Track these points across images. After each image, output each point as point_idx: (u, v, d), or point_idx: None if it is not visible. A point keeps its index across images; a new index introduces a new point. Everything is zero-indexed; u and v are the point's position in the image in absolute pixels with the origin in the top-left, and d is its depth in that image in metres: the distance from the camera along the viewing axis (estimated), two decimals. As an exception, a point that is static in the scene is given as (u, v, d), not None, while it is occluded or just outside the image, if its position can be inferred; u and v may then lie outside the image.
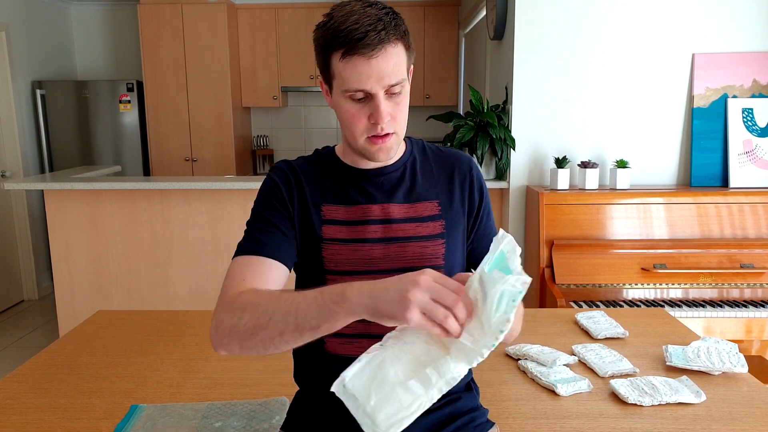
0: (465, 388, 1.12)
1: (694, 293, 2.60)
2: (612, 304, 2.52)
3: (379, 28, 0.93)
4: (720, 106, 2.92)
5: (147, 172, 4.90)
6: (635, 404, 1.32)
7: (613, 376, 1.46)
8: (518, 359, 1.56)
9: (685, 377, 1.42)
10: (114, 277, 3.29)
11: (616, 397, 1.36)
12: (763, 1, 2.89)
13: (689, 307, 2.49)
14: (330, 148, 1.14)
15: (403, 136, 1.07)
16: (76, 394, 1.40)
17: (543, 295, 2.69)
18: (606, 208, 2.71)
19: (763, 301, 2.55)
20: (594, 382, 1.43)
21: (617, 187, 2.83)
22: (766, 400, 1.34)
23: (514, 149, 2.98)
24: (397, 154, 1.11)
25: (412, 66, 1.05)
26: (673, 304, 2.52)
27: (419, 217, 1.07)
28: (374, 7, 0.96)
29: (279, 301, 0.86)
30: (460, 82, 5.14)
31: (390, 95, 0.98)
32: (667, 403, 1.32)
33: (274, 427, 1.27)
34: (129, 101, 4.74)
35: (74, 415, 1.31)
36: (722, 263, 2.60)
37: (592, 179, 2.85)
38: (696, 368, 1.46)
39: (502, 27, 3.16)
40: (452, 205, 1.10)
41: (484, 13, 3.74)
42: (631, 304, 2.53)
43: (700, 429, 1.23)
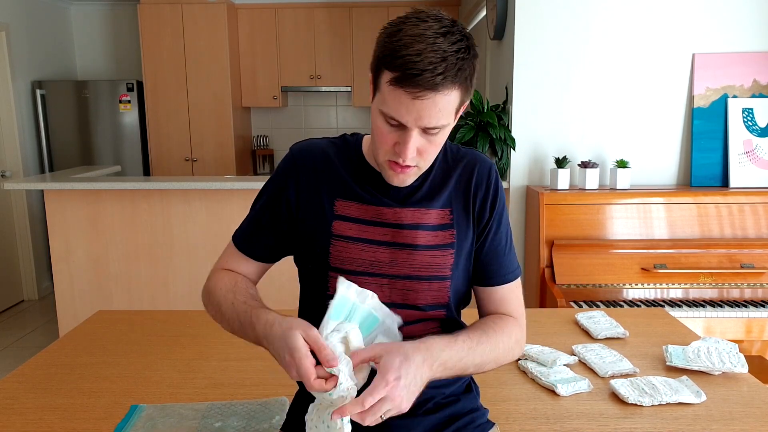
0: (465, 388, 1.11)
1: (694, 293, 2.60)
2: (612, 304, 2.52)
3: (437, 71, 0.85)
4: (720, 106, 2.92)
5: (147, 172, 4.90)
6: (635, 404, 1.32)
7: (613, 376, 1.46)
8: (518, 359, 1.56)
9: (685, 377, 1.42)
10: (114, 277, 3.29)
11: (616, 397, 1.36)
12: (763, 1, 2.89)
13: (689, 307, 2.49)
14: (358, 139, 1.11)
15: (427, 168, 1.02)
16: (76, 394, 1.40)
17: (543, 295, 2.69)
18: (606, 208, 2.71)
19: (763, 301, 2.55)
20: (594, 382, 1.43)
21: (617, 187, 2.83)
22: (766, 400, 1.34)
23: (514, 149, 2.98)
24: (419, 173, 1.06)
25: (467, 103, 0.98)
26: (673, 304, 2.52)
27: (430, 225, 1.04)
28: (447, 38, 0.87)
29: (231, 311, 1.03)
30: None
31: (426, 133, 0.93)
32: (667, 403, 1.32)
33: (274, 427, 1.27)
34: (129, 101, 4.74)
35: (74, 415, 1.31)
36: (722, 263, 2.60)
37: (592, 179, 2.85)
38: (696, 368, 1.46)
39: (502, 27, 3.16)
40: (465, 214, 1.06)
41: (484, 13, 3.74)
42: (631, 304, 2.53)
43: (700, 429, 1.23)
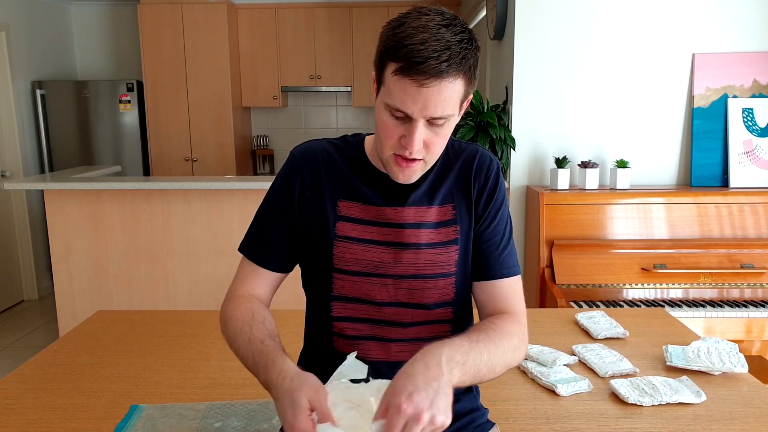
0: (465, 389, 1.11)
1: (694, 293, 2.60)
2: (612, 304, 2.52)
3: (442, 59, 0.86)
4: (720, 106, 2.92)
5: (147, 172, 4.90)
6: (635, 404, 1.32)
7: (613, 376, 1.46)
8: (518, 359, 1.56)
9: (685, 377, 1.42)
10: (114, 277, 3.29)
11: (616, 397, 1.36)
12: (763, 1, 2.89)
13: (689, 307, 2.49)
14: (360, 138, 1.10)
15: (433, 163, 1.01)
16: (76, 394, 1.40)
17: (543, 295, 2.69)
18: (606, 208, 2.71)
19: (763, 301, 2.55)
20: (594, 382, 1.43)
21: (617, 187, 2.83)
22: (766, 400, 1.34)
23: (514, 149, 2.98)
24: (425, 170, 1.05)
25: (471, 97, 0.99)
26: (673, 304, 2.52)
27: (433, 223, 1.04)
28: (450, 29, 0.88)
29: (246, 347, 0.97)
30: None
31: (431, 125, 0.93)
32: (667, 403, 1.32)
33: (274, 427, 1.27)
34: (129, 101, 4.74)
35: (74, 415, 1.31)
36: (722, 263, 2.60)
37: (592, 179, 2.85)
38: (696, 368, 1.46)
39: (502, 27, 3.16)
40: (467, 208, 1.06)
41: (484, 13, 3.74)
42: (631, 304, 2.53)
43: (700, 429, 1.23)
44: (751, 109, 2.89)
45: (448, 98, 0.90)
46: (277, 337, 0.98)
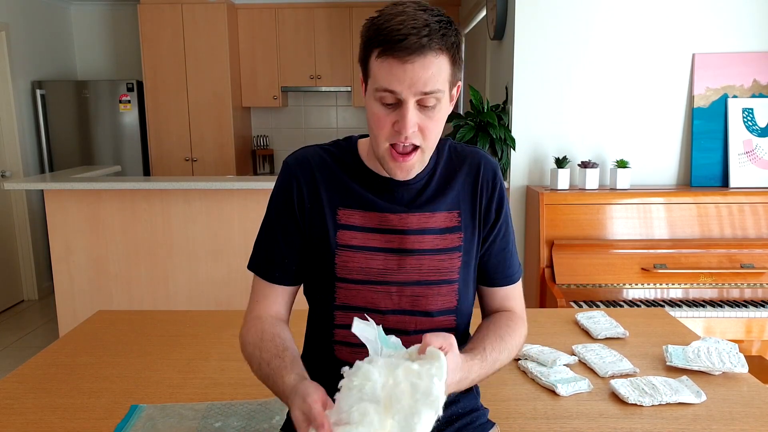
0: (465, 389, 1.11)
1: (694, 293, 2.60)
2: (612, 304, 2.52)
3: (422, 34, 0.87)
4: (720, 106, 2.92)
5: (147, 172, 4.90)
6: (635, 404, 1.32)
7: (613, 376, 1.46)
8: (518, 359, 1.56)
9: (685, 377, 1.42)
10: (114, 277, 3.29)
11: (616, 397, 1.36)
12: (763, 1, 2.89)
13: (689, 307, 2.49)
14: (353, 142, 1.08)
15: (430, 154, 0.99)
16: (76, 394, 1.40)
17: (543, 295, 2.69)
18: (606, 208, 2.71)
19: (763, 301, 2.55)
20: (594, 382, 1.43)
21: (617, 187, 2.83)
22: (766, 400, 1.34)
23: (514, 149, 2.98)
24: (423, 164, 1.02)
25: (460, 84, 0.98)
26: (673, 304, 2.52)
27: (438, 229, 1.02)
28: (427, 12, 0.90)
29: (259, 370, 0.99)
30: (461, 82, 5.14)
31: (423, 107, 0.91)
32: (667, 403, 1.32)
33: (274, 427, 1.27)
34: (129, 101, 4.74)
35: (74, 415, 1.31)
36: (722, 263, 2.60)
37: (592, 179, 2.85)
38: (696, 368, 1.46)
39: (502, 27, 3.16)
40: (471, 216, 1.05)
41: (484, 13, 3.74)
42: (631, 304, 2.53)
43: (700, 429, 1.23)
44: (751, 109, 2.89)
45: (435, 74, 0.89)
46: (288, 350, 0.97)
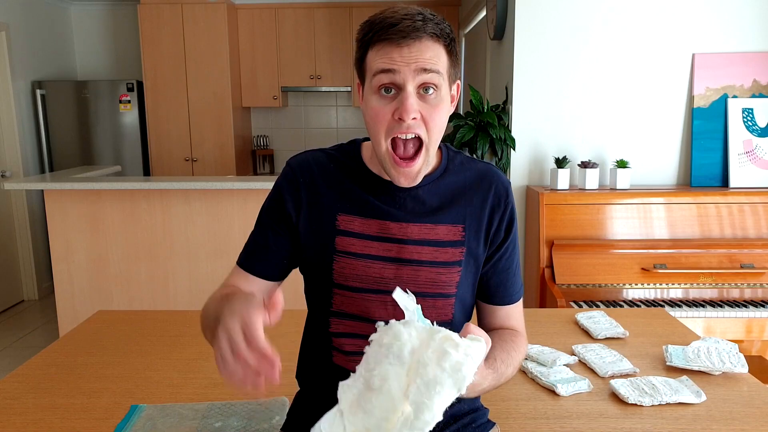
0: None
1: (694, 293, 2.60)
2: (612, 304, 2.52)
3: (417, 19, 0.88)
4: (720, 106, 2.92)
5: (147, 172, 4.90)
6: (635, 404, 1.32)
7: (613, 376, 1.46)
8: (518, 359, 1.56)
9: (685, 377, 1.42)
10: (114, 277, 3.29)
11: (616, 397, 1.36)
12: (763, 1, 2.89)
13: (689, 307, 2.49)
14: (356, 145, 1.06)
15: (434, 153, 0.97)
16: (76, 394, 1.40)
17: (543, 295, 2.69)
18: (606, 208, 2.71)
19: (763, 301, 2.55)
20: (594, 382, 1.43)
21: (617, 187, 2.83)
22: (766, 400, 1.34)
23: (514, 149, 2.98)
24: (429, 167, 1.00)
25: (459, 82, 0.97)
26: (673, 304, 2.52)
27: (439, 241, 1.00)
28: (422, 8, 0.92)
29: (208, 311, 0.96)
30: (461, 81, 5.14)
31: (423, 94, 0.89)
32: (667, 403, 1.32)
33: (274, 427, 1.27)
34: (129, 101, 4.74)
35: (74, 415, 1.31)
36: (722, 263, 2.60)
37: (592, 179, 2.85)
38: (696, 368, 1.46)
39: (502, 27, 3.16)
40: (477, 232, 1.02)
41: (484, 13, 3.74)
42: (631, 304, 2.53)
43: (700, 429, 1.23)
44: (751, 109, 2.89)
45: (433, 57, 0.89)
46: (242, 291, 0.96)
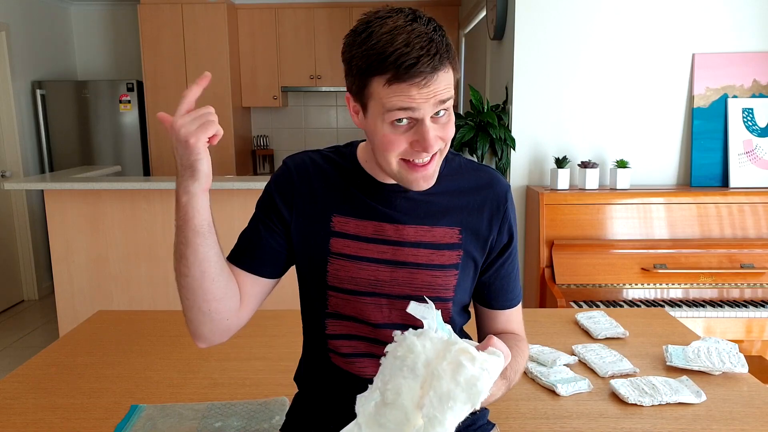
0: None
1: (694, 293, 2.60)
2: (612, 304, 2.52)
3: (432, 52, 0.82)
4: (720, 106, 2.92)
5: (147, 172, 4.90)
6: (635, 404, 1.32)
7: (613, 376, 1.46)
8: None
9: (685, 377, 1.42)
10: (114, 277, 3.29)
11: (616, 397, 1.36)
12: (763, 1, 2.89)
13: (689, 307, 2.49)
14: (353, 148, 1.05)
15: (446, 153, 0.95)
16: (76, 394, 1.40)
17: (543, 295, 2.69)
18: (606, 208, 2.71)
19: (763, 301, 2.55)
20: (594, 382, 1.43)
21: (617, 187, 2.83)
22: (766, 400, 1.34)
23: (514, 149, 2.98)
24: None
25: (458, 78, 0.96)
26: (673, 304, 2.52)
27: (435, 244, 0.98)
28: (419, 22, 0.85)
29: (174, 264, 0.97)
30: (460, 82, 5.14)
31: (436, 117, 0.88)
32: (667, 403, 1.32)
33: (274, 427, 1.27)
34: (129, 101, 4.74)
35: (74, 415, 1.31)
36: (722, 263, 2.60)
37: (592, 179, 2.85)
38: (696, 368, 1.46)
39: (502, 27, 3.16)
40: (475, 236, 1.01)
41: (484, 13, 3.74)
42: (631, 304, 2.53)
43: (700, 429, 1.23)
44: (751, 109, 2.89)
45: (448, 86, 0.87)
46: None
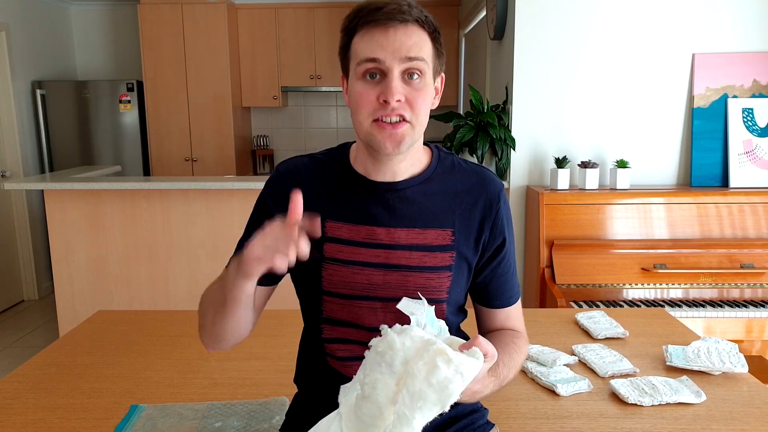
0: None
1: (694, 293, 2.60)
2: (612, 304, 2.52)
3: (404, 9, 0.88)
4: (720, 106, 2.92)
5: (147, 172, 4.90)
6: (635, 404, 1.32)
7: (613, 376, 1.46)
8: (518, 359, 1.56)
9: (685, 377, 1.42)
10: (114, 277, 3.29)
11: (616, 397, 1.36)
12: (763, 1, 2.89)
13: (689, 307, 2.49)
14: (345, 149, 1.05)
15: (420, 134, 0.95)
16: (76, 394, 1.40)
17: (543, 295, 2.69)
18: (606, 208, 2.71)
19: (763, 301, 2.55)
20: (594, 382, 1.43)
21: (617, 187, 2.83)
22: (766, 400, 1.34)
23: (514, 149, 2.98)
24: (417, 167, 1.01)
25: (443, 75, 0.97)
26: (673, 304, 2.52)
27: (428, 246, 0.98)
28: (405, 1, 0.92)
29: (207, 292, 1.00)
30: (460, 82, 5.14)
31: (408, 80, 0.89)
32: (667, 403, 1.32)
33: (274, 427, 1.27)
34: (129, 101, 4.74)
35: (74, 415, 1.31)
36: (722, 263, 2.60)
37: (592, 179, 2.85)
38: (696, 368, 1.46)
39: (502, 27, 3.16)
40: (468, 237, 1.00)
41: (484, 13, 3.74)
42: (631, 304, 2.53)
43: (700, 429, 1.23)
44: (751, 109, 2.89)
45: (418, 43, 0.89)
46: None
